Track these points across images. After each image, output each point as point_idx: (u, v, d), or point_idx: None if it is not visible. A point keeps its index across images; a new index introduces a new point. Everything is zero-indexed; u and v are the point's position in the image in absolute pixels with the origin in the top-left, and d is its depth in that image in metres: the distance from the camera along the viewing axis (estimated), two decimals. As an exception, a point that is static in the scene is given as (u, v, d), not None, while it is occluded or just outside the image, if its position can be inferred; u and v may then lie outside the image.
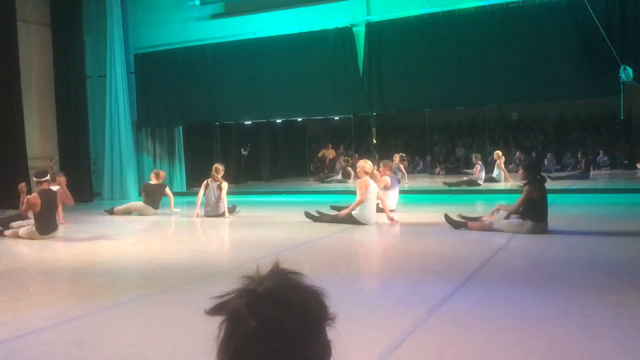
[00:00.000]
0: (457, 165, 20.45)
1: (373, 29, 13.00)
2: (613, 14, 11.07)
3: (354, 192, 9.30)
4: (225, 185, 10.09)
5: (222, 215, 10.03)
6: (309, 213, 9.11)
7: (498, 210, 7.80)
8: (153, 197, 10.99)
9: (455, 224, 7.89)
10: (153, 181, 11.13)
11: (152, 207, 10.90)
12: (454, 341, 3.56)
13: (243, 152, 18.54)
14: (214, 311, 0.97)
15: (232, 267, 5.87)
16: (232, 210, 10.48)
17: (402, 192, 11.32)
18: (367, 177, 8.59)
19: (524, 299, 4.41)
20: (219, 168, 10.21)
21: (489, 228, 7.57)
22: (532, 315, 3.96)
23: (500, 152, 15.34)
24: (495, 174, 15.04)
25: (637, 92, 13.35)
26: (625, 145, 19.77)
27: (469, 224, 7.82)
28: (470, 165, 16.06)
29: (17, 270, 6.22)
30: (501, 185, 14.34)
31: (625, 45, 10.96)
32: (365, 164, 8.72)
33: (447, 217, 8.02)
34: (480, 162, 14.56)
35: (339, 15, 13.24)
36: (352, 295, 4.59)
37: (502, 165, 14.96)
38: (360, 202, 8.49)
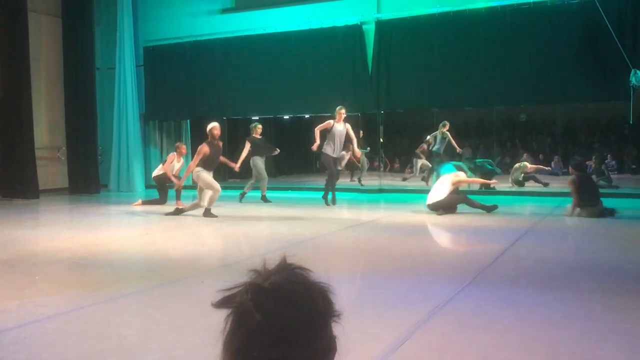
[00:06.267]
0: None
1: (383, 27, 12.98)
2: (625, 17, 11.00)
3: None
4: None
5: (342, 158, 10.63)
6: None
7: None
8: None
9: None
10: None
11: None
12: (457, 341, 3.56)
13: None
14: (220, 304, 0.97)
15: (236, 262, 5.88)
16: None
17: (414, 191, 11.38)
18: None
19: (528, 301, 4.40)
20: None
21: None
22: (535, 318, 3.95)
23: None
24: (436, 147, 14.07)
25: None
26: (633, 150, 19.67)
27: None
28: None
29: (22, 259, 6.25)
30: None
31: (637, 49, 10.89)
32: None
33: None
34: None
35: (349, 13, 13.22)
36: (355, 292, 4.59)
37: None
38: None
